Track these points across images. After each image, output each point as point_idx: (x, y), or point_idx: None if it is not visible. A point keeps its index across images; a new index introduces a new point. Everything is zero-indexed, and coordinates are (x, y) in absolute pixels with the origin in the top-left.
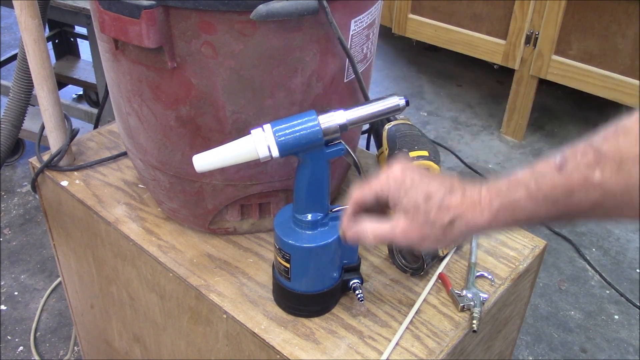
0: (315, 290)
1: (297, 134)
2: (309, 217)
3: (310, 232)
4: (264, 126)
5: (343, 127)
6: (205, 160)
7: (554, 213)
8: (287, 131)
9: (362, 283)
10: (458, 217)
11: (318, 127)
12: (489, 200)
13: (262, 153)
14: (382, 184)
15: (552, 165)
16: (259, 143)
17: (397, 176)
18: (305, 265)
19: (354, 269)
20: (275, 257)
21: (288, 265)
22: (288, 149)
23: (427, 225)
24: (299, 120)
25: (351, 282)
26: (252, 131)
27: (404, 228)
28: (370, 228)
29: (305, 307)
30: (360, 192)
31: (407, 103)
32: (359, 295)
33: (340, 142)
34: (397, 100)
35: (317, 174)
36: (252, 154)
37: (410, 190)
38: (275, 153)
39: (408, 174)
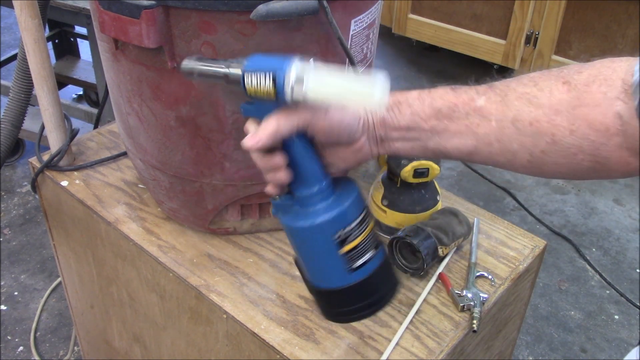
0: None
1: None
2: (319, 187)
3: (330, 200)
4: (291, 62)
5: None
6: (320, 82)
7: (436, 126)
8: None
9: None
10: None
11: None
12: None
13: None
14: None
15: (451, 87)
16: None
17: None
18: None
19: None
20: (365, 246)
21: (372, 218)
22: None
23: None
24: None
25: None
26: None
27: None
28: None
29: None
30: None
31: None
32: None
33: None
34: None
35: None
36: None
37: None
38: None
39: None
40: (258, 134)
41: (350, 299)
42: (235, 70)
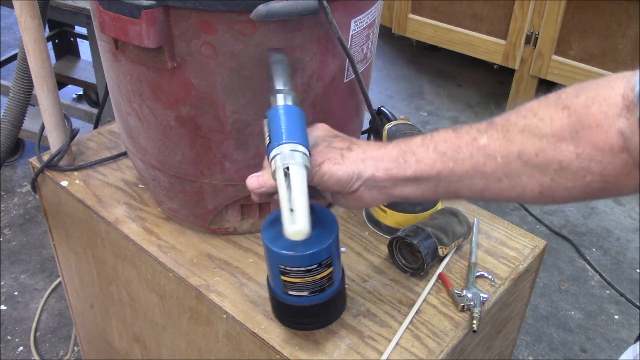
0: (339, 284)
1: (299, 125)
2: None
3: (318, 223)
4: (281, 147)
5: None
6: (304, 220)
7: (442, 170)
8: (293, 131)
9: None
10: (357, 146)
11: (299, 108)
12: (391, 147)
13: (307, 161)
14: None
15: (452, 128)
16: (303, 159)
17: (320, 126)
18: (337, 248)
19: None
20: (306, 285)
21: (332, 269)
22: (304, 137)
23: (327, 148)
24: (285, 118)
25: None
26: (278, 165)
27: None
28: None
29: (339, 309)
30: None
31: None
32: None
33: None
34: (271, 53)
35: None
36: (305, 172)
37: (326, 132)
38: (306, 150)
39: (331, 129)
40: (263, 179)
41: (284, 310)
42: None
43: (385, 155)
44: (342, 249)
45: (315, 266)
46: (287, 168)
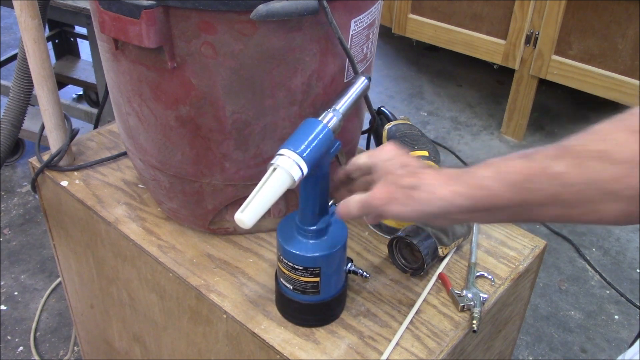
0: (339, 290)
1: (315, 142)
2: (321, 223)
3: (327, 237)
4: (280, 152)
5: (341, 120)
6: (250, 214)
7: (515, 199)
8: (304, 144)
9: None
10: (424, 184)
11: (328, 129)
12: (457, 175)
13: (297, 176)
14: (374, 153)
15: (519, 154)
16: (291, 168)
17: (387, 149)
18: (334, 270)
19: None
20: (294, 280)
21: (318, 279)
22: (313, 161)
23: (393, 186)
24: (308, 130)
25: (348, 267)
26: (274, 162)
27: (376, 191)
28: (355, 198)
29: (334, 311)
30: (354, 158)
31: (369, 79)
32: (363, 274)
33: (335, 139)
34: (363, 78)
35: (324, 178)
36: (288, 182)
37: (393, 160)
38: (305, 169)
39: (398, 152)
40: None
41: (277, 293)
42: None
43: (457, 196)
44: (366, 274)
45: (300, 268)
46: (275, 169)
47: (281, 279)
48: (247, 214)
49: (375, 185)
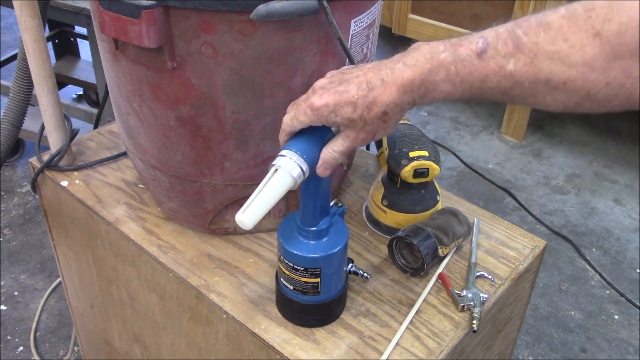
0: (339, 291)
1: (313, 139)
2: (321, 224)
3: (327, 238)
4: (282, 153)
5: None
6: (251, 215)
7: (467, 94)
8: (305, 143)
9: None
10: (387, 105)
11: (328, 129)
12: (411, 79)
13: (297, 175)
14: (309, 119)
15: (473, 49)
16: (292, 169)
17: (318, 106)
18: (334, 270)
19: None
20: (294, 280)
21: (318, 280)
22: (314, 161)
23: (368, 125)
24: (309, 131)
25: (349, 268)
26: (275, 163)
27: (355, 136)
28: (331, 150)
29: (334, 312)
30: (285, 135)
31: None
32: (363, 275)
33: None
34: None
35: (325, 179)
36: (289, 183)
37: (337, 110)
38: (307, 169)
39: (326, 97)
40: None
41: (277, 292)
42: None
43: (417, 99)
44: (366, 275)
45: (301, 269)
46: (276, 170)
47: (282, 279)
48: (248, 215)
49: (344, 132)
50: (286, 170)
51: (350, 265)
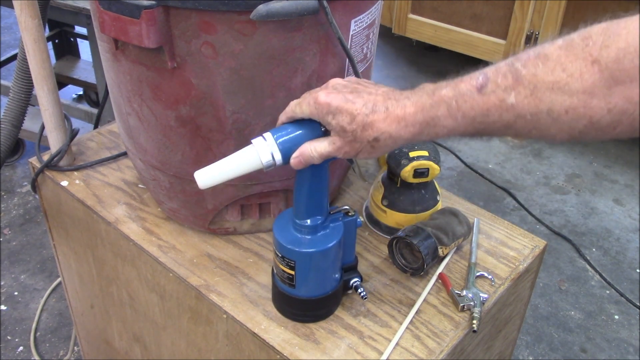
0: (319, 294)
1: (299, 138)
2: (310, 221)
3: (312, 237)
4: (264, 134)
5: None
6: (207, 175)
7: (471, 130)
8: (289, 136)
9: (361, 281)
10: (382, 133)
11: (319, 129)
12: (413, 114)
13: (266, 160)
14: (310, 110)
15: (473, 85)
16: (262, 151)
17: (322, 102)
18: (310, 270)
19: (352, 268)
20: (276, 265)
21: (292, 273)
22: (291, 154)
23: (356, 143)
24: (299, 125)
25: (352, 282)
26: (253, 140)
27: (340, 146)
28: (313, 147)
29: (311, 312)
30: (285, 118)
31: None
32: (362, 294)
33: None
34: None
35: (317, 177)
36: (255, 163)
37: (336, 114)
38: (279, 159)
39: (332, 98)
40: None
41: (276, 294)
42: None
43: (416, 135)
44: (364, 295)
45: (279, 255)
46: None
47: (273, 267)
48: (202, 174)
49: (334, 137)
50: (257, 151)
51: (355, 280)
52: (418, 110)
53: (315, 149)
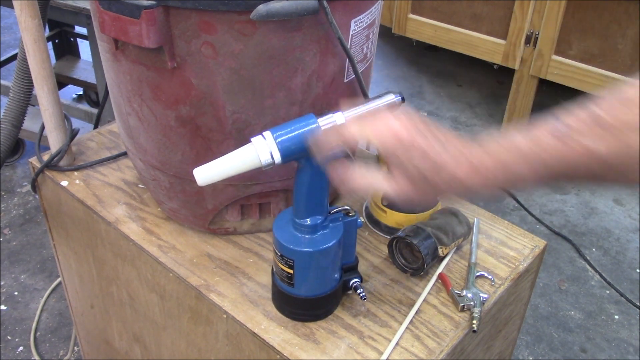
0: (318, 293)
1: (299, 138)
2: (309, 221)
3: (311, 236)
4: (264, 133)
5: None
6: (206, 173)
7: (547, 177)
8: (288, 136)
9: (361, 281)
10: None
11: (319, 129)
12: (486, 163)
13: (265, 159)
14: (383, 139)
15: (550, 132)
16: (261, 150)
17: (402, 136)
18: (308, 269)
19: (353, 269)
20: (276, 264)
21: (291, 272)
22: (290, 154)
23: (430, 190)
24: (299, 124)
25: (351, 282)
26: (252, 139)
27: (407, 191)
28: (367, 181)
29: (310, 312)
30: (351, 136)
31: (403, 99)
32: (361, 294)
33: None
34: (393, 98)
35: (317, 177)
36: (254, 161)
37: (416, 157)
38: (278, 159)
39: (415, 136)
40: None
41: (275, 293)
42: None
43: (488, 183)
44: (363, 296)
45: (278, 254)
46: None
47: (273, 266)
48: (201, 171)
49: (399, 178)
50: (257, 150)
51: (355, 280)
52: (492, 158)
53: (372, 185)
